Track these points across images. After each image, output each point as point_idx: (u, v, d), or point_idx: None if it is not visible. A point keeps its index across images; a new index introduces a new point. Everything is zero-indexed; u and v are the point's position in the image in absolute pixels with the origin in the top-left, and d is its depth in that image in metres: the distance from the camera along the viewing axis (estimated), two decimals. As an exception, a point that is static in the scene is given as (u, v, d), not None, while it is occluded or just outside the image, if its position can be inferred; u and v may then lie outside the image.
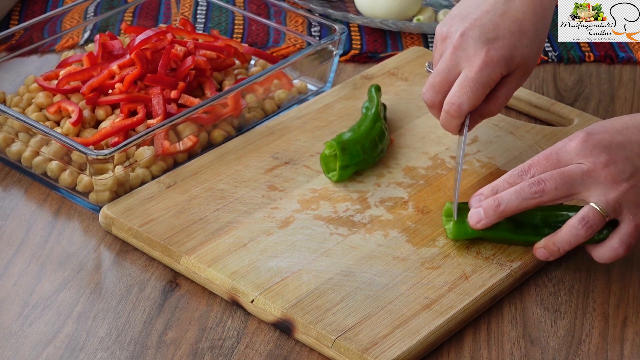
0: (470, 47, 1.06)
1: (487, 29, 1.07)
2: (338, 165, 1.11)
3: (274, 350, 0.96)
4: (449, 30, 1.08)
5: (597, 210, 0.98)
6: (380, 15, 1.41)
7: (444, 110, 1.07)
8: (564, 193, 0.99)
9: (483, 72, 1.06)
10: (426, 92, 1.09)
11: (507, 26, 1.07)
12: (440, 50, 1.09)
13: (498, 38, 1.06)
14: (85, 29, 1.37)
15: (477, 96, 1.06)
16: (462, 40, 1.07)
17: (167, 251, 1.03)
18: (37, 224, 1.09)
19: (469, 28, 1.07)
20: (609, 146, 0.99)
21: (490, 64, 1.06)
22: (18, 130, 1.13)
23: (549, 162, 1.00)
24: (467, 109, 1.06)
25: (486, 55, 1.06)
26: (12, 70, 1.26)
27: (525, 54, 1.08)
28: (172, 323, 0.98)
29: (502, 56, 1.06)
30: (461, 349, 0.96)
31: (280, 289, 0.98)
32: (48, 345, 0.95)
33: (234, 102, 1.18)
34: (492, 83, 1.07)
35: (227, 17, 1.43)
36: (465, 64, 1.06)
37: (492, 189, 1.02)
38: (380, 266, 1.01)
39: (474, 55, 1.06)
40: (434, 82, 1.08)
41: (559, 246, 1.00)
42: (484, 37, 1.06)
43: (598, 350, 0.96)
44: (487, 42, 1.06)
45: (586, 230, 0.99)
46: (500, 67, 1.06)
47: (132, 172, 1.11)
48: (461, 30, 1.07)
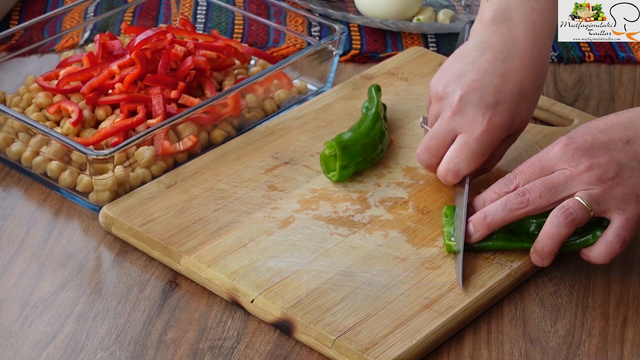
0: (469, 112, 1.03)
1: (487, 92, 1.03)
2: (338, 165, 1.11)
3: (274, 350, 0.96)
4: (445, 90, 1.05)
5: (579, 202, 0.97)
6: (380, 15, 1.41)
7: (441, 175, 1.05)
8: (549, 200, 0.98)
9: (484, 139, 1.03)
10: (422, 155, 1.06)
11: (509, 90, 1.04)
12: (435, 110, 1.06)
13: (499, 103, 1.03)
14: (85, 29, 1.37)
15: (476, 162, 1.04)
16: (461, 104, 1.03)
17: (167, 251, 1.03)
18: (37, 224, 1.09)
19: (469, 92, 1.03)
20: (590, 149, 0.98)
21: (491, 131, 1.03)
22: (18, 130, 1.13)
23: (533, 169, 0.99)
24: (464, 174, 1.05)
25: (488, 123, 1.03)
26: (12, 70, 1.26)
27: (524, 117, 1.06)
28: (172, 323, 0.98)
29: (504, 122, 1.04)
30: (461, 349, 0.96)
31: (280, 289, 0.98)
32: (48, 345, 0.95)
33: (234, 102, 1.18)
34: (492, 149, 1.05)
35: (227, 17, 1.43)
36: (464, 129, 1.04)
37: (481, 201, 1.02)
38: (380, 266, 1.01)
39: (473, 122, 1.03)
40: (430, 145, 1.05)
41: (543, 243, 0.99)
42: (484, 102, 1.03)
43: (598, 350, 0.96)
44: (487, 107, 1.03)
45: (566, 218, 0.97)
46: (501, 132, 1.04)
47: (132, 172, 1.11)
48: (460, 94, 1.03)
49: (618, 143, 0.98)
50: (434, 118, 1.07)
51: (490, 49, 1.06)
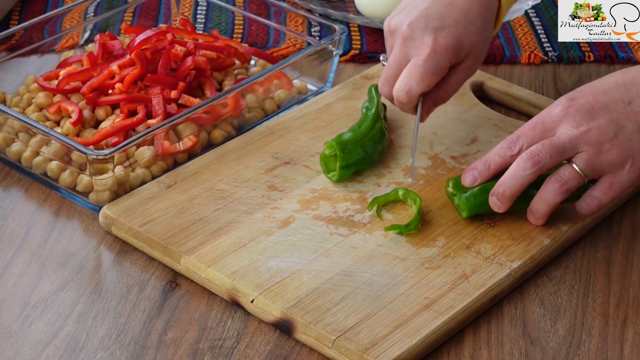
0: (417, 37, 1.09)
1: (433, 18, 1.09)
2: (338, 165, 1.11)
3: (274, 350, 0.96)
4: (396, 23, 1.11)
5: (574, 169, 1.01)
6: (380, 15, 1.41)
7: (395, 97, 1.10)
8: (558, 160, 1.02)
9: (431, 59, 1.08)
10: (382, 87, 1.12)
11: (453, 15, 1.09)
12: (390, 44, 1.12)
13: (444, 27, 1.09)
14: (85, 29, 1.37)
15: (426, 82, 1.09)
16: (409, 30, 1.09)
17: (167, 251, 1.03)
18: (37, 224, 1.09)
19: (416, 19, 1.09)
20: (591, 110, 1.01)
21: (438, 51, 1.08)
22: (18, 130, 1.13)
23: (536, 131, 1.03)
24: (415, 94, 1.09)
25: (434, 43, 1.08)
26: (12, 70, 1.26)
27: (473, 42, 1.10)
28: (172, 323, 0.98)
29: (450, 44, 1.08)
30: (461, 349, 0.96)
31: (280, 289, 0.98)
32: (48, 345, 0.95)
33: (234, 102, 1.18)
34: (441, 71, 1.09)
35: (227, 17, 1.43)
36: (413, 53, 1.09)
37: (484, 163, 1.05)
38: (380, 266, 1.01)
39: (421, 45, 1.08)
40: (387, 76, 1.11)
41: (537, 206, 1.04)
42: (430, 26, 1.08)
43: (598, 350, 0.96)
44: (434, 31, 1.08)
45: (560, 186, 1.02)
46: (448, 54, 1.09)
47: (132, 172, 1.11)
48: (408, 22, 1.09)
49: (619, 104, 1.02)
50: (390, 51, 1.12)
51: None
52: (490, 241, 1.05)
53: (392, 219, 1.07)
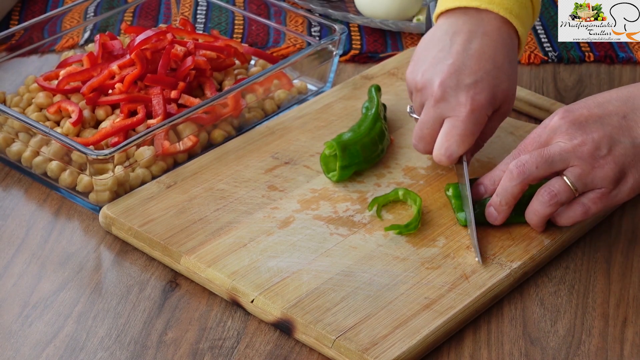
0: (451, 97, 1.06)
1: (464, 74, 1.06)
2: (338, 165, 1.11)
3: (274, 350, 0.96)
4: (423, 79, 1.07)
5: (565, 182, 1.01)
6: (380, 15, 1.41)
7: (437, 160, 1.08)
8: (546, 171, 1.01)
9: (470, 119, 1.06)
10: (417, 145, 1.10)
11: (483, 67, 1.06)
12: (418, 100, 1.09)
13: (477, 81, 1.06)
14: (85, 29, 1.37)
15: (467, 143, 1.07)
16: (441, 91, 1.06)
17: (167, 251, 1.03)
18: (37, 224, 1.09)
19: (446, 77, 1.06)
20: (585, 122, 1.00)
21: (475, 110, 1.06)
22: (18, 130, 1.13)
23: (534, 144, 1.02)
24: (457, 156, 1.07)
25: (472, 103, 1.05)
26: (12, 70, 1.26)
27: (505, 89, 1.08)
28: (172, 323, 0.98)
29: (486, 100, 1.06)
30: (461, 349, 0.96)
31: (280, 289, 0.98)
32: (48, 345, 0.95)
33: (234, 102, 1.18)
34: (480, 127, 1.07)
35: (227, 17, 1.43)
36: (450, 114, 1.06)
37: (490, 178, 1.05)
38: (380, 266, 1.01)
39: (457, 105, 1.06)
40: (422, 135, 1.09)
41: (529, 217, 1.04)
42: (462, 83, 1.06)
43: (598, 350, 0.96)
44: (467, 88, 1.05)
45: (550, 199, 1.01)
46: (485, 109, 1.06)
47: (132, 172, 1.11)
48: (438, 81, 1.06)
49: (614, 118, 1.00)
50: (419, 107, 1.10)
51: (460, 32, 1.08)
52: (490, 241, 1.05)
53: (392, 219, 1.07)
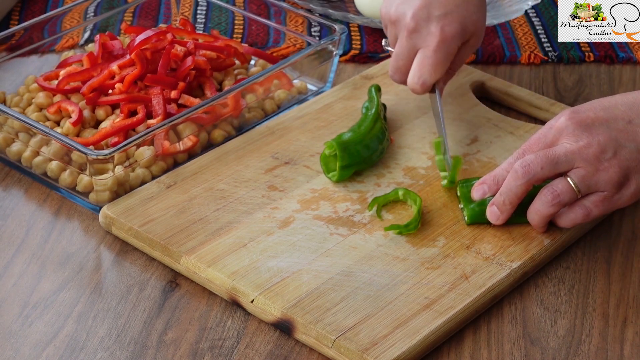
0: (422, 28, 1.11)
1: (434, 6, 1.11)
2: (338, 165, 1.11)
3: (274, 350, 0.96)
4: (396, 13, 1.13)
5: (568, 184, 1.01)
6: (380, 16, 1.41)
7: (410, 89, 1.13)
8: (551, 172, 1.01)
9: (440, 49, 1.11)
10: (394, 75, 1.15)
11: (453, 0, 1.11)
12: (393, 32, 1.14)
13: (447, 13, 1.11)
14: (85, 29, 1.37)
15: (438, 72, 1.12)
16: (414, 23, 1.11)
17: (167, 251, 1.03)
18: (37, 224, 1.09)
19: (418, 9, 1.11)
20: (592, 124, 1.01)
21: (446, 40, 1.11)
22: (18, 130, 1.13)
23: (539, 144, 1.03)
24: (429, 84, 1.12)
25: (441, 33, 1.10)
26: (12, 70, 1.26)
27: (474, 20, 1.13)
28: (172, 323, 0.98)
29: (456, 30, 1.11)
30: (461, 349, 0.96)
31: (280, 289, 0.98)
32: (48, 345, 0.95)
33: (234, 102, 1.18)
34: (450, 57, 1.12)
35: (227, 17, 1.43)
36: (422, 44, 1.11)
37: (493, 178, 1.06)
38: (380, 266, 1.01)
39: (428, 35, 1.11)
40: (397, 65, 1.14)
41: (531, 217, 1.04)
42: (433, 15, 1.11)
43: (598, 350, 0.96)
44: (438, 19, 1.10)
45: (553, 199, 1.01)
46: (455, 40, 1.11)
47: (132, 172, 1.11)
48: (411, 13, 1.11)
49: (619, 122, 1.01)
50: (394, 39, 1.15)
51: None
52: (490, 241, 1.05)
53: (392, 219, 1.07)
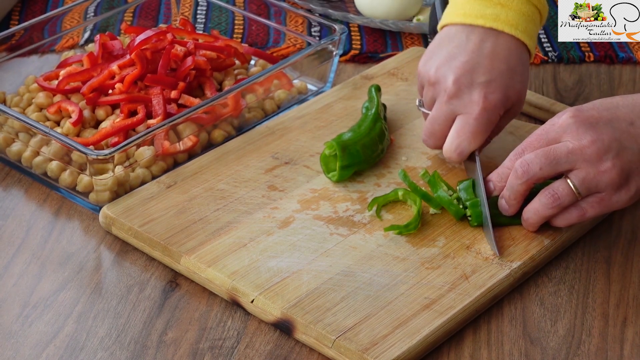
0: (465, 94, 1.07)
1: (478, 73, 1.07)
2: (338, 165, 1.11)
3: (274, 350, 0.96)
4: (437, 75, 1.08)
5: (568, 187, 1.00)
6: (380, 15, 1.41)
7: (447, 157, 1.09)
8: (550, 172, 1.01)
9: (482, 117, 1.07)
10: (428, 140, 1.11)
11: (498, 67, 1.07)
12: (430, 94, 1.10)
13: (491, 81, 1.07)
14: (85, 29, 1.37)
15: (478, 141, 1.08)
16: (455, 88, 1.07)
17: (167, 251, 1.03)
18: (37, 224, 1.09)
19: (461, 74, 1.07)
20: (595, 123, 1.00)
21: (488, 108, 1.07)
22: (18, 130, 1.13)
23: (540, 142, 1.02)
24: (467, 153, 1.08)
25: (484, 101, 1.06)
26: (12, 70, 1.26)
27: (518, 90, 1.09)
28: (172, 323, 0.98)
29: (499, 99, 1.07)
30: (461, 349, 0.96)
31: (280, 289, 0.98)
32: (48, 345, 0.95)
33: (234, 102, 1.18)
34: (492, 126, 1.08)
35: (227, 17, 1.43)
36: (462, 111, 1.07)
37: (498, 175, 1.05)
38: (380, 266, 1.01)
39: (469, 103, 1.07)
40: (433, 130, 1.10)
41: (528, 215, 1.03)
42: (477, 82, 1.07)
43: (598, 350, 0.96)
44: (481, 87, 1.06)
45: (553, 202, 1.01)
46: (498, 109, 1.07)
47: (132, 172, 1.11)
48: (453, 78, 1.07)
49: (622, 123, 1.00)
50: (430, 101, 1.10)
51: (475, 31, 1.08)
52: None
53: (392, 219, 1.07)
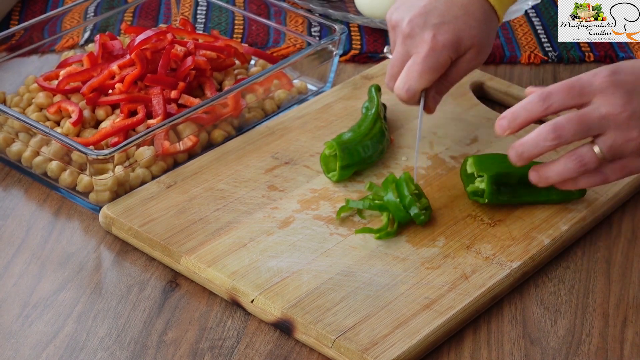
0: (417, 34, 1.09)
1: (432, 15, 1.10)
2: (338, 165, 1.11)
3: (274, 350, 0.96)
4: (397, 19, 1.11)
5: (595, 155, 0.99)
6: (380, 15, 1.41)
7: (397, 94, 1.11)
8: (581, 137, 0.99)
9: (429, 57, 1.09)
10: (389, 82, 1.13)
11: (453, 12, 1.10)
12: (392, 38, 1.13)
13: (443, 23, 1.09)
14: (85, 29, 1.37)
15: (425, 80, 1.09)
16: (409, 28, 1.10)
17: (167, 251, 1.03)
18: (37, 224, 1.09)
19: (416, 16, 1.10)
20: (632, 90, 0.98)
21: (436, 49, 1.09)
22: (18, 130, 1.13)
23: (570, 94, 0.99)
24: (414, 92, 1.10)
25: (432, 41, 1.09)
26: (12, 70, 1.26)
27: (473, 35, 1.10)
28: (172, 323, 0.98)
29: (448, 40, 1.09)
30: (461, 349, 0.96)
31: (280, 289, 0.98)
32: (48, 345, 0.95)
33: (234, 102, 1.18)
34: (440, 67, 1.10)
35: (227, 17, 1.43)
36: (413, 50, 1.10)
37: (512, 114, 1.01)
38: (380, 266, 1.01)
39: (420, 42, 1.09)
40: (392, 72, 1.12)
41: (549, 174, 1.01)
42: (429, 23, 1.09)
43: (598, 350, 0.96)
44: (433, 28, 1.09)
45: (580, 167, 1.00)
46: (447, 50, 1.09)
47: (132, 172, 1.11)
48: (408, 18, 1.10)
49: None
50: (394, 46, 1.13)
51: None
52: (490, 241, 1.05)
53: (383, 219, 1.07)
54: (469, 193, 1.09)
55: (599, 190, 1.11)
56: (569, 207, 1.09)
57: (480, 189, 1.08)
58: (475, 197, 1.08)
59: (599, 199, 1.11)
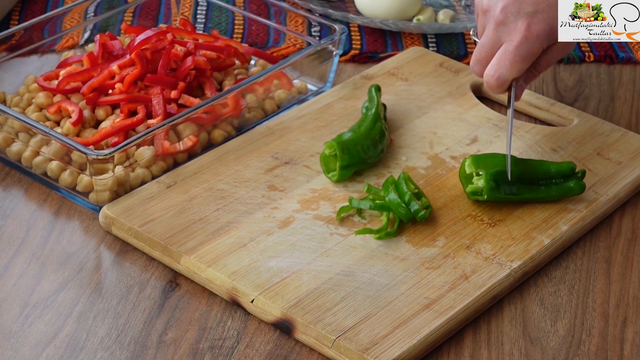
0: (510, 22, 1.10)
1: (526, 3, 1.10)
2: (338, 165, 1.11)
3: (274, 350, 0.96)
4: (489, 3, 1.12)
5: None
6: (380, 15, 1.41)
7: (486, 82, 1.11)
8: None
9: (523, 46, 1.09)
10: (474, 66, 1.13)
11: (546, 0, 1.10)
12: (482, 23, 1.13)
13: (537, 12, 1.09)
14: (85, 29, 1.37)
15: (516, 69, 1.10)
16: (502, 15, 1.10)
17: (167, 251, 1.03)
18: (37, 224, 1.09)
19: (510, 3, 1.10)
20: None
21: (530, 38, 1.09)
22: (18, 130, 1.13)
23: None
24: (505, 80, 1.10)
25: (526, 30, 1.09)
26: (12, 70, 1.26)
27: None
28: (172, 323, 0.98)
29: (542, 30, 1.09)
30: (461, 349, 0.96)
31: (280, 289, 0.98)
32: (48, 345, 0.95)
33: (234, 102, 1.18)
34: (532, 57, 1.10)
35: (227, 17, 1.43)
36: (506, 38, 1.10)
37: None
38: (380, 266, 1.01)
39: (514, 30, 1.09)
40: (480, 57, 1.12)
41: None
42: (523, 11, 1.09)
43: (598, 350, 0.96)
44: (527, 16, 1.09)
45: None
46: (540, 41, 1.10)
47: (132, 172, 1.11)
48: (501, 5, 1.10)
49: None
50: (482, 30, 1.14)
51: None
52: (490, 241, 1.05)
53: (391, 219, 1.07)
54: (469, 193, 1.09)
55: (599, 190, 1.11)
56: (569, 207, 1.09)
57: (479, 188, 1.08)
58: (475, 197, 1.08)
59: (599, 199, 1.11)
